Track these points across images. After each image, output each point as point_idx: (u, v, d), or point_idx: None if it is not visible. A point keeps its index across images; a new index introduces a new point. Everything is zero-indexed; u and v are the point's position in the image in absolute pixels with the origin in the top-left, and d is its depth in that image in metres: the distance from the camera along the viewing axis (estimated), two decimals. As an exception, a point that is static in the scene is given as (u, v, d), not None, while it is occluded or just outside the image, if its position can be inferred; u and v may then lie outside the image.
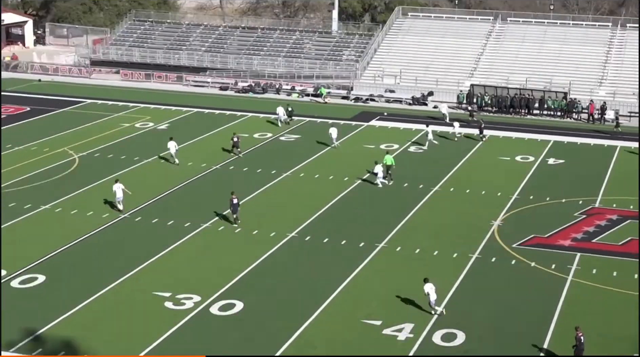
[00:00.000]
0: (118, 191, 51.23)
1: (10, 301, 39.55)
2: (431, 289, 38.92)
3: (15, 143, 65.52)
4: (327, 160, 63.24)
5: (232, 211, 49.85)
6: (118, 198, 51.27)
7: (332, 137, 66.24)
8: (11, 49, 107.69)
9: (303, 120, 74.71)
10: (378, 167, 56.93)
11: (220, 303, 39.68)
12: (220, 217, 50.66)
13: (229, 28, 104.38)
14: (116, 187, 51.33)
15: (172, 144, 61.16)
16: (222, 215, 50.98)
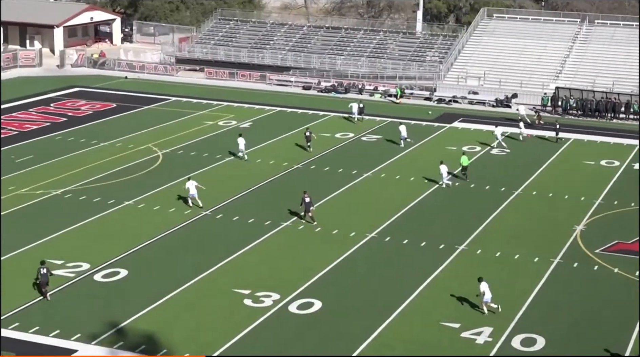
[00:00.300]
0: (192, 188, 51.76)
1: (93, 294, 40.23)
2: (486, 287, 38.64)
3: (101, 139, 66.59)
4: (408, 161, 63.04)
5: (305, 209, 50.02)
6: (192, 195, 51.83)
7: (402, 135, 66.53)
8: (99, 47, 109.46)
9: (385, 121, 74.57)
10: (443, 167, 56.67)
11: (298, 302, 39.82)
12: (300, 216, 50.82)
13: (313, 28, 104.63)
14: (189, 184, 51.89)
15: (241, 140, 61.75)
16: (302, 214, 51.15)
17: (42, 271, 39.68)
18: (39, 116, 73.86)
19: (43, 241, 46.43)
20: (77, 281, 41.63)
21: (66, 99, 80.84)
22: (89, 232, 48.14)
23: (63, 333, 36.33)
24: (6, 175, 57.04)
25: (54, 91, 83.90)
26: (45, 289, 39.70)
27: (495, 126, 68.47)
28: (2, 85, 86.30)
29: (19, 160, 60.28)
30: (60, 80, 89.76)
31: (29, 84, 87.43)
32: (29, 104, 78.29)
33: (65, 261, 43.58)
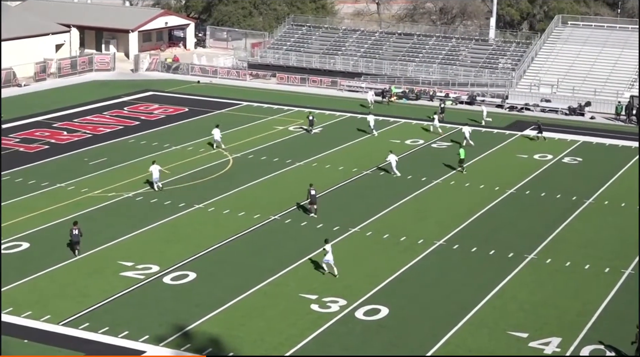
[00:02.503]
0: (155, 172, 55.20)
1: (162, 297, 40.65)
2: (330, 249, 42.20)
3: (173, 143, 67.28)
4: (478, 169, 62.61)
5: (310, 201, 50.97)
6: (155, 178, 55.23)
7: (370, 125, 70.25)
8: (173, 51, 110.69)
9: (455, 128, 74.16)
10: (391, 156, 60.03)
11: (365, 308, 39.80)
12: (369, 222, 50.81)
13: (385, 34, 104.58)
14: (153, 168, 55.42)
15: (216, 131, 65.36)
16: (371, 220, 51.15)
17: (74, 232, 44.80)
18: (112, 119, 74.89)
19: (114, 242, 47.05)
20: (147, 283, 42.11)
21: (139, 103, 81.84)
22: (159, 234, 48.68)
23: (132, 334, 36.76)
24: (79, 178, 57.93)
25: (128, 95, 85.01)
26: (76, 248, 44.92)
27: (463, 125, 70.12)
28: (78, 89, 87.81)
29: (92, 163, 61.18)
30: (134, 84, 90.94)
31: (103, 87, 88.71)
32: (103, 107, 79.42)
33: (135, 263, 44.12)
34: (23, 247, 46.19)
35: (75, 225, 45.38)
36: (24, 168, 59.99)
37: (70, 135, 69.14)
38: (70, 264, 44.04)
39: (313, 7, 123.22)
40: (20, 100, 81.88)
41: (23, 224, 49.26)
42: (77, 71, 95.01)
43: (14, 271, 42.87)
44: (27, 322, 37.62)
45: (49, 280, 42.18)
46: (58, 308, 38.97)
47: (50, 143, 66.50)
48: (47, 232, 48.44)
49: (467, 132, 67.94)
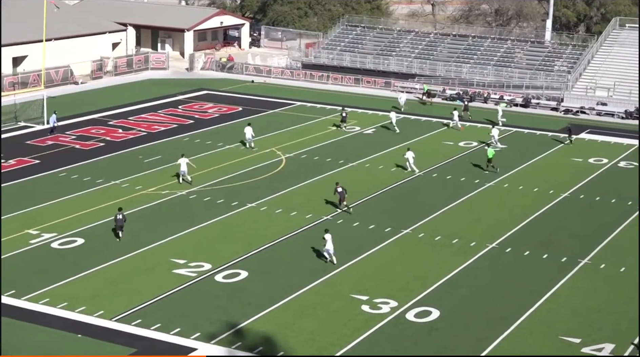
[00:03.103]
0: (183, 165, 56.31)
1: (213, 295, 40.88)
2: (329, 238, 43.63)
3: (227, 141, 67.60)
4: (532, 172, 62.20)
5: (340, 198, 52.13)
6: (182, 171, 56.43)
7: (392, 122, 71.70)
8: (227, 50, 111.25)
9: (510, 131, 73.74)
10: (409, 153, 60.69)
11: (416, 310, 39.70)
12: (421, 224, 50.69)
13: (440, 35, 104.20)
14: (181, 161, 56.56)
15: (248, 129, 65.88)
16: (424, 222, 51.04)
17: (118, 217, 46.87)
18: (167, 118, 75.44)
19: (167, 240, 47.40)
20: (199, 280, 42.37)
21: (194, 102, 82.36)
22: (212, 233, 48.96)
23: (184, 331, 37.01)
24: (134, 175, 58.43)
25: (183, 93, 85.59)
26: (119, 232, 46.85)
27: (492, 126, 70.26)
28: (134, 87, 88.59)
29: (147, 161, 61.68)
30: (188, 83, 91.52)
31: (158, 86, 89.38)
32: (158, 105, 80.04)
33: (187, 261, 44.42)
34: (78, 243, 46.71)
35: (119, 210, 47.43)
36: (80, 165, 60.66)
37: (125, 133, 69.78)
38: (124, 261, 44.46)
39: (368, 7, 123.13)
40: (76, 98, 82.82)
41: (78, 220, 49.81)
42: (132, 69, 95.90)
43: (69, 266, 43.40)
44: (81, 318, 38.02)
45: (103, 276, 42.61)
46: (111, 304, 39.35)
47: (106, 140, 67.17)
48: (102, 228, 48.92)
49: (495, 134, 67.67)
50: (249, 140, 65.92)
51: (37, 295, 39.97)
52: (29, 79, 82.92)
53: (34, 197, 53.67)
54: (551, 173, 61.83)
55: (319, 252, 45.63)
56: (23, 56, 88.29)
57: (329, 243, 44.24)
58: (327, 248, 44.38)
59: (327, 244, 44.30)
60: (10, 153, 62.67)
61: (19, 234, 47.47)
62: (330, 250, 44.32)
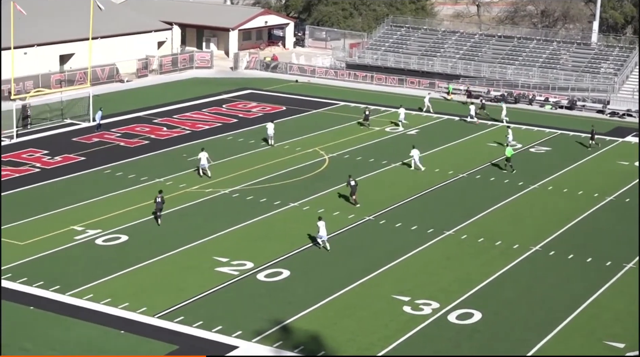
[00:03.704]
0: (203, 158, 57.53)
1: (255, 293, 41.01)
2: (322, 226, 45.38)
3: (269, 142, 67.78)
4: (576, 174, 61.76)
5: (351, 192, 53.13)
6: (203, 165, 57.43)
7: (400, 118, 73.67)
8: (272, 50, 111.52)
9: (555, 133, 73.28)
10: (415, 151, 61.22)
11: (458, 312, 39.57)
12: (464, 226, 50.51)
13: (485, 36, 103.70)
14: (202, 155, 57.68)
15: (270, 126, 66.89)
16: (467, 223, 50.85)
17: (158, 200, 48.92)
18: (211, 116, 75.77)
19: (210, 238, 47.63)
20: (241, 279, 42.52)
21: (238, 101, 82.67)
22: (254, 231, 49.11)
23: (225, 329, 37.16)
24: (178, 173, 58.75)
25: (227, 92, 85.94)
26: (158, 214, 48.98)
27: None
28: (178, 85, 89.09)
29: (190, 159, 61.97)
30: (233, 82, 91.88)
31: (203, 84, 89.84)
32: (202, 104, 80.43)
33: (230, 259, 44.60)
34: (122, 239, 47.07)
35: (159, 193, 49.61)
36: (124, 162, 61.12)
37: (169, 131, 70.20)
38: (167, 258, 44.74)
39: (412, 8, 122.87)
40: (122, 95, 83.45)
41: (122, 217, 50.19)
42: (177, 68, 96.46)
43: (112, 262, 43.74)
44: (124, 314, 38.31)
45: (146, 273, 42.91)
46: (154, 301, 39.61)
47: (150, 138, 67.60)
48: (146, 226, 49.27)
49: (510, 134, 67.61)
50: (270, 137, 66.61)
51: (81, 291, 40.33)
52: (76, 76, 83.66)
53: (79, 193, 54.16)
54: (596, 176, 61.35)
55: (357, 250, 45.72)
56: (70, 54, 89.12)
57: (322, 230, 45.92)
58: (321, 235, 46.05)
59: (321, 230, 45.94)
60: (56, 150, 63.32)
61: (64, 230, 47.94)
62: (323, 237, 46.05)
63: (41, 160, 61.11)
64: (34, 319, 37.61)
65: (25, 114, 69.87)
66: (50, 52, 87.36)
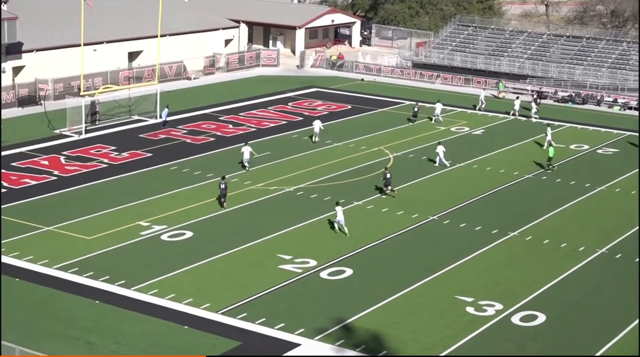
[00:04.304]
0: (246, 153, 58.77)
1: (318, 291, 41.10)
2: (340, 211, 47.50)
3: (335, 139, 67.82)
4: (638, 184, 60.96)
5: (385, 184, 54.07)
6: (245, 159, 58.89)
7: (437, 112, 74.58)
8: (338, 49, 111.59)
9: (623, 134, 72.36)
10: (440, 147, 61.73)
11: (522, 313, 39.26)
12: (528, 227, 50.11)
13: (553, 36, 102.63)
14: (245, 149, 59.09)
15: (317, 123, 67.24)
16: (532, 225, 50.45)
17: (222, 186, 51.11)
18: (276, 114, 76.07)
19: (273, 235, 47.83)
20: (304, 277, 42.65)
21: (303, 99, 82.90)
22: (318, 229, 49.21)
23: (288, 326, 37.31)
24: (243, 171, 59.07)
25: (292, 91, 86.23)
26: (223, 200, 51.24)
27: None
28: (245, 83, 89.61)
29: (255, 156, 62.23)
30: (298, 80, 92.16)
31: (269, 82, 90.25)
32: (268, 102, 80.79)
33: (293, 257, 44.75)
34: (187, 235, 47.48)
35: (223, 179, 51.89)
36: (190, 159, 61.65)
37: (235, 129, 70.63)
38: (230, 255, 45.04)
39: (480, 7, 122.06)
40: (189, 93, 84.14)
41: (187, 213, 50.64)
42: (244, 66, 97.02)
43: (177, 258, 44.15)
44: (188, 309, 38.64)
45: (210, 269, 43.25)
46: (218, 297, 39.90)
47: (216, 135, 68.09)
48: (210, 222, 49.66)
49: (549, 133, 66.90)
50: (315, 134, 67.10)
51: (146, 286, 40.78)
52: (144, 73, 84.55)
53: (146, 189, 54.77)
54: (665, 179, 60.51)
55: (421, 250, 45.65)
56: (138, 51, 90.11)
57: (340, 214, 47.65)
58: (338, 219, 47.76)
59: (338, 215, 47.68)
60: (124, 146, 64.09)
61: (131, 225, 48.50)
62: (341, 221, 47.75)
63: (109, 156, 61.90)
64: (99, 312, 38.12)
65: (94, 110, 70.83)
66: (119, 49, 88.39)
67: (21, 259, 43.33)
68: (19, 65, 79.42)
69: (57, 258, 43.49)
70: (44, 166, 58.82)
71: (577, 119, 77.78)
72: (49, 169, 58.26)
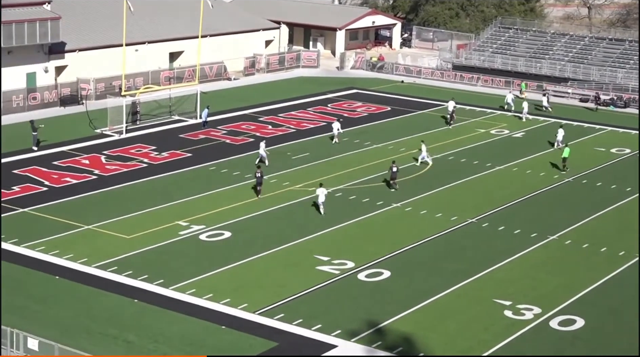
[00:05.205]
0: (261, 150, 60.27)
1: (356, 293, 41.10)
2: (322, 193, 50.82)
3: (374, 141, 67.81)
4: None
5: (392, 177, 55.97)
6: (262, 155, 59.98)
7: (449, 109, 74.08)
8: (378, 50, 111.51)
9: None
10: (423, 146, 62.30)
11: (560, 318, 39.04)
12: (568, 231, 49.80)
13: (595, 39, 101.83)
14: (262, 144, 60.71)
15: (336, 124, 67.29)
16: (571, 228, 50.15)
17: (258, 174, 53.49)
18: (316, 115, 76.13)
19: (312, 236, 47.90)
20: (342, 278, 42.66)
21: (343, 100, 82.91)
22: (356, 231, 49.22)
23: (325, 328, 37.34)
24: (282, 171, 59.24)
25: (332, 92, 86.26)
26: (259, 188, 53.54)
27: None
28: (285, 84, 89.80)
29: (294, 158, 62.43)
30: (338, 81, 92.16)
31: (309, 83, 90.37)
32: (307, 103, 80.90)
33: (331, 258, 44.78)
34: (225, 236, 47.67)
35: (258, 168, 54.30)
36: (230, 159, 61.88)
37: (274, 129, 70.79)
38: (268, 255, 45.15)
39: (521, 9, 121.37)
40: (229, 93, 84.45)
41: (226, 214, 50.83)
42: (284, 67, 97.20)
43: (215, 258, 44.34)
44: (226, 309, 38.79)
45: (248, 269, 43.38)
46: (255, 297, 40.02)
47: (256, 136, 68.22)
48: (248, 222, 49.81)
49: (560, 134, 67.10)
50: (336, 134, 67.03)
51: (184, 285, 40.99)
52: (184, 74, 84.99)
53: (185, 189, 55.04)
54: None
55: (459, 253, 45.55)
56: (179, 51, 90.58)
57: (322, 196, 50.85)
58: (320, 200, 50.85)
59: (320, 196, 50.89)
60: (164, 146, 64.47)
61: (170, 225, 48.77)
62: (321, 201, 50.82)
63: (149, 155, 62.29)
64: (138, 311, 38.37)
65: (135, 110, 71.32)
66: (160, 49, 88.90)
67: (61, 257, 43.72)
68: (61, 64, 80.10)
69: (96, 257, 43.83)
70: (85, 165, 59.29)
71: (618, 122, 77.11)
72: (90, 168, 58.73)
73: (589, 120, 77.28)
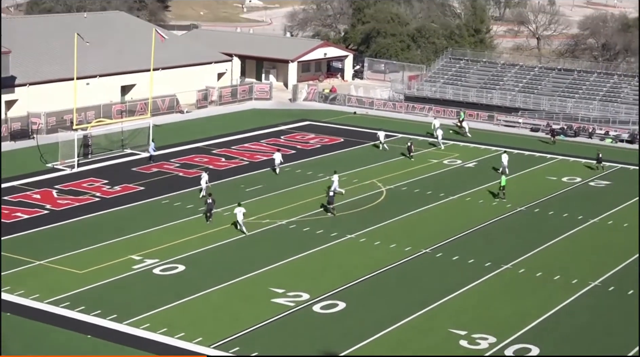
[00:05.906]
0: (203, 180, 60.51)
1: (311, 325, 40.96)
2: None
3: (327, 173, 67.77)
4: (637, 209, 60.87)
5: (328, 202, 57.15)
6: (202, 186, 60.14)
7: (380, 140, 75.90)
8: (330, 82, 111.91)
9: (615, 167, 72.52)
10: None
11: (515, 346, 39.16)
12: (521, 259, 50.08)
13: (545, 69, 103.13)
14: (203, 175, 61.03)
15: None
16: (524, 257, 50.43)
17: (209, 200, 54.70)
18: (269, 148, 76.04)
19: (266, 269, 47.71)
20: (297, 310, 42.50)
21: (296, 132, 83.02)
22: (311, 263, 49.13)
23: (280, 360, 37.19)
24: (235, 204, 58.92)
25: (285, 124, 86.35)
26: (209, 215, 54.58)
27: None
28: (237, 116, 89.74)
29: (248, 190, 62.28)
30: (291, 113, 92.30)
31: (262, 115, 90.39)
32: (260, 135, 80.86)
33: (286, 290, 44.61)
34: (179, 269, 47.35)
35: (210, 195, 55.58)
36: (183, 193, 61.57)
37: (228, 162, 70.64)
38: (223, 288, 44.89)
39: (472, 41, 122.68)
40: (181, 126, 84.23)
41: (180, 247, 50.51)
42: (237, 99, 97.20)
43: (169, 292, 43.98)
44: (180, 343, 38.44)
45: (202, 303, 43.08)
46: (210, 331, 39.73)
47: (209, 169, 67.96)
48: (202, 256, 49.54)
49: (505, 159, 68.10)
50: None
51: (138, 320, 40.59)
52: (137, 107, 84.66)
53: (138, 223, 54.65)
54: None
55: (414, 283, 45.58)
56: (131, 85, 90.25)
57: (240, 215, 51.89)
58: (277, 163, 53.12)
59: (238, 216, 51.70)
60: (116, 179, 64.02)
61: (123, 259, 48.36)
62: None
63: (101, 189, 61.83)
64: (92, 348, 37.90)
65: (87, 143, 70.81)
66: (112, 82, 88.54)
67: (12, 293, 43.13)
68: (11, 99, 79.49)
69: (48, 292, 43.30)
70: (36, 200, 58.72)
71: (569, 151, 77.93)
72: (41, 203, 58.16)
73: (540, 150, 77.96)
